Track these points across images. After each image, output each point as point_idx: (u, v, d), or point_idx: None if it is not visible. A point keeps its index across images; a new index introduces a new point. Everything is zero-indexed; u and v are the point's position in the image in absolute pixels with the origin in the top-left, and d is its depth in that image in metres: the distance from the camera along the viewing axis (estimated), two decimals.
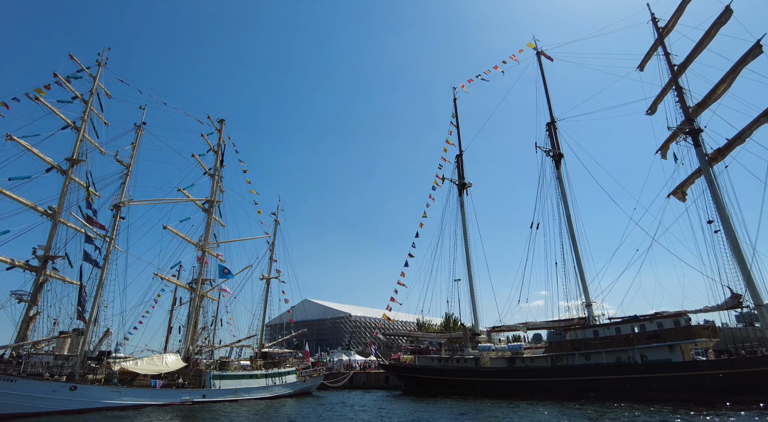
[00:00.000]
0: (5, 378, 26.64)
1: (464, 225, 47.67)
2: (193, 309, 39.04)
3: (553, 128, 44.78)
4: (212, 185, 47.55)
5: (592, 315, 38.82)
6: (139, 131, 38.58)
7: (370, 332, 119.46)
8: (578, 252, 40.78)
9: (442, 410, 29.22)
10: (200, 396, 34.27)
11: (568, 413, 25.66)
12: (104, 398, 29.71)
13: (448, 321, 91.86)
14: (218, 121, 49.52)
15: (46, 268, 35.83)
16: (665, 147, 38.71)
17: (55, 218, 36.62)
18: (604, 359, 34.11)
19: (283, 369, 42.73)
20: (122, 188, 35.22)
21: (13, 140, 33.33)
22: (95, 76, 41.13)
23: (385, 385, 54.87)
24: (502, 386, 38.28)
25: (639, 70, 41.36)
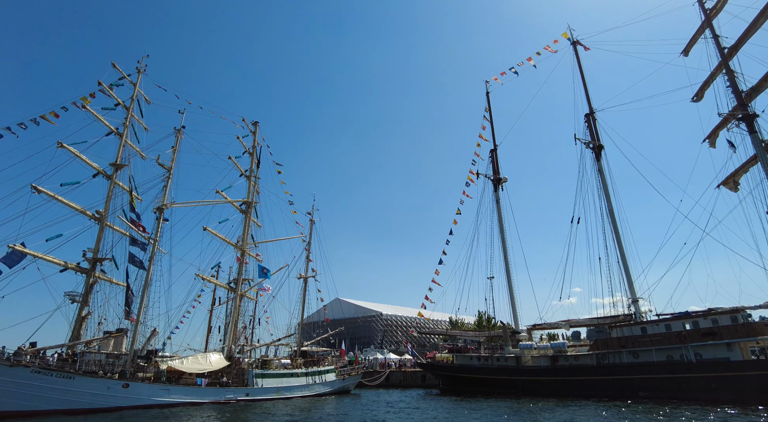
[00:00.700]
0: (64, 375, 27.68)
1: (500, 221, 46.81)
2: (235, 309, 39.71)
3: (592, 119, 43.37)
4: (248, 187, 48.31)
5: (638, 312, 37.38)
6: (179, 134, 39.53)
7: (402, 330, 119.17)
8: (622, 247, 39.38)
9: (489, 409, 28.65)
10: (244, 395, 34.82)
11: (627, 413, 24.69)
12: (154, 395, 30.53)
13: (481, 319, 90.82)
14: (252, 123, 50.27)
15: (95, 270, 37.14)
16: (714, 135, 36.82)
17: (102, 221, 37.91)
18: (654, 357, 32.77)
19: (322, 368, 43.05)
20: (164, 190, 36.20)
21: (63, 148, 34.66)
22: (135, 83, 42.35)
23: (422, 384, 54.57)
24: (545, 385, 37.39)
25: (683, 56, 39.48)
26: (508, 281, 44.99)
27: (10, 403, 26.13)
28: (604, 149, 42.57)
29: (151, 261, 34.62)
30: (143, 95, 43.13)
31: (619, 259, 39.39)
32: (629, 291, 38.27)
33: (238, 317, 40.34)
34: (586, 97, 43.91)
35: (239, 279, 41.44)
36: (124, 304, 36.70)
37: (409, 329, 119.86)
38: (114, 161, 39.33)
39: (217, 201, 42.46)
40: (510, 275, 45.10)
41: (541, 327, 43.41)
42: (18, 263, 31.76)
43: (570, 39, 47.08)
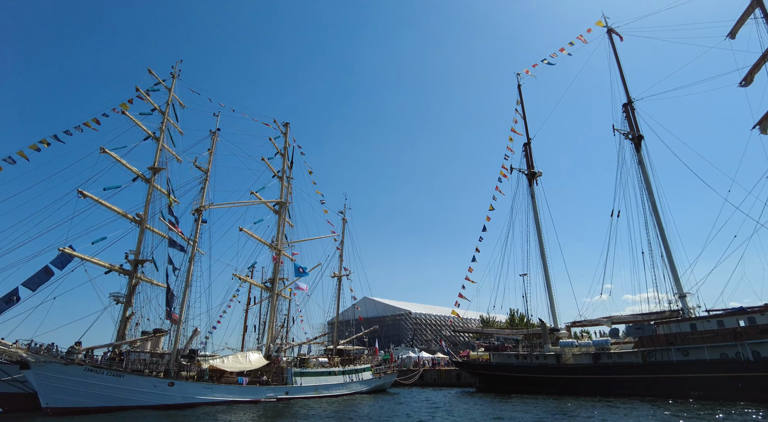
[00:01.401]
0: (114, 373, 28.50)
1: (536, 217, 45.74)
2: (272, 308, 40.12)
3: (630, 109, 41.87)
4: (281, 187, 48.78)
5: (686, 307, 35.86)
6: (215, 137, 40.16)
7: (432, 329, 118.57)
8: (666, 241, 37.85)
9: (536, 408, 27.95)
10: (283, 393, 35.13)
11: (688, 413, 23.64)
12: (198, 394, 31.10)
13: (513, 317, 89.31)
14: (283, 124, 50.70)
15: (136, 271, 38.13)
16: (766, 120, 34.94)
17: (142, 224, 38.87)
18: (706, 355, 31.32)
19: (358, 366, 43.08)
20: (202, 192, 36.81)
21: (105, 153, 35.69)
22: (170, 88, 43.27)
23: (457, 382, 54.02)
24: (588, 383, 36.33)
25: (729, 39, 37.59)
26: (545, 278, 43.95)
27: (65, 400, 27.08)
28: (643, 140, 41.04)
29: (191, 262, 35.27)
30: (178, 100, 44.07)
31: (663, 253, 37.94)
32: (675, 286, 36.77)
33: (275, 316, 40.71)
34: (623, 86, 42.45)
35: (275, 279, 41.85)
36: (165, 304, 37.68)
37: (442, 327, 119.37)
38: (152, 165, 40.29)
39: (251, 202, 43.00)
40: (548, 271, 44.07)
41: (580, 323, 42.26)
42: (67, 266, 32.86)
43: (605, 27, 45.59)
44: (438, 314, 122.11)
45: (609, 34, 45.18)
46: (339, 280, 48.74)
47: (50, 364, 26.89)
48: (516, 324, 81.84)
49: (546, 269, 44.21)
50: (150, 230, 39.37)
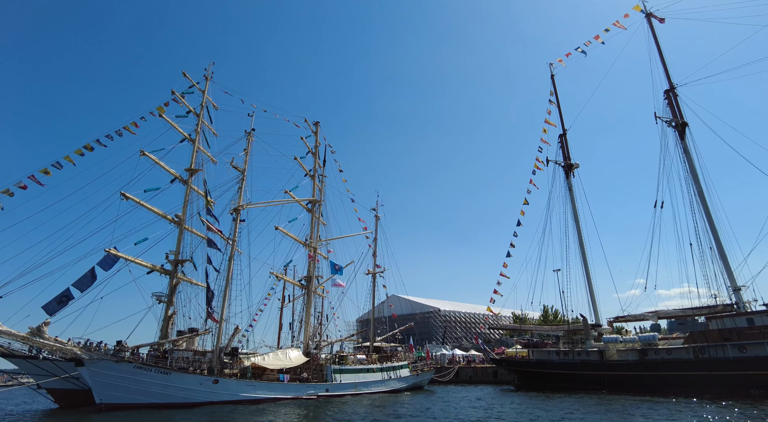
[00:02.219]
0: (161, 371, 29.08)
1: (574, 209, 44.45)
2: (307, 305, 40.28)
3: (672, 96, 40.14)
4: (313, 186, 48.97)
5: (741, 301, 34.16)
6: (250, 137, 40.53)
7: (461, 326, 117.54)
8: (716, 231, 36.13)
9: (584, 406, 27.09)
10: (324, 390, 35.20)
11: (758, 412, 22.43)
12: (241, 391, 31.43)
13: (547, 313, 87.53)
14: (314, 123, 50.84)
15: (176, 271, 38.87)
16: None
17: (181, 225, 39.59)
18: (767, 351, 29.75)
19: (396, 363, 42.88)
20: (239, 192, 37.16)
21: (145, 155, 36.47)
22: (204, 91, 43.89)
23: (494, 380, 53.19)
24: (634, 380, 35.12)
25: None
26: (585, 272, 42.69)
27: (117, 396, 27.82)
28: (688, 127, 39.29)
29: (231, 261, 35.71)
30: (211, 102, 44.66)
31: (713, 245, 36.24)
32: (728, 279, 35.07)
33: (311, 313, 40.87)
34: (664, 72, 40.74)
35: (312, 276, 42.02)
36: (206, 303, 38.26)
37: (472, 325, 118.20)
38: (189, 167, 40.98)
39: (286, 201, 43.23)
40: (587, 266, 42.79)
41: (623, 319, 40.90)
42: (112, 266, 33.70)
43: (643, 12, 43.85)
44: (467, 312, 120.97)
45: (648, 19, 43.44)
46: (373, 277, 48.65)
47: (102, 361, 27.65)
48: (550, 321, 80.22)
49: (586, 263, 42.96)
50: (189, 230, 40.07)
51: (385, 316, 66.48)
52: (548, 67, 50.63)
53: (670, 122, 39.85)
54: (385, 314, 69.93)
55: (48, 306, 29.92)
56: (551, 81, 49.97)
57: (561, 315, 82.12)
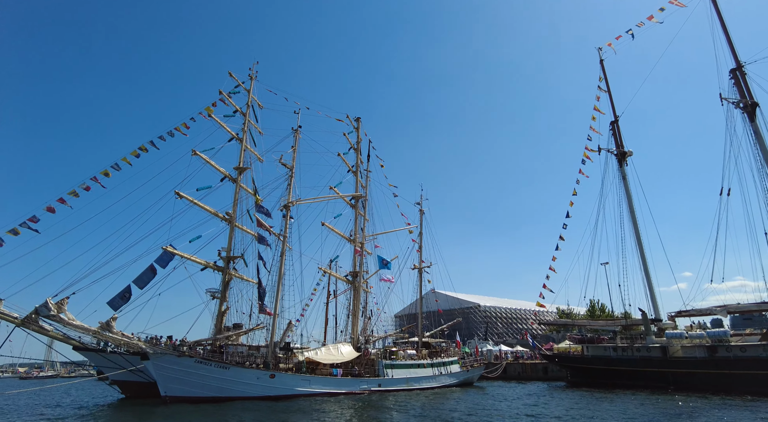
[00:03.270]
0: (220, 365, 29.75)
1: (629, 199, 42.44)
2: (357, 300, 40.35)
3: (740, 75, 37.49)
4: (356, 182, 48.99)
5: None
6: (297, 134, 40.83)
7: (502, 322, 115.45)
8: None
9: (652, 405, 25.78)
10: (376, 385, 35.16)
11: None
12: (297, 385, 31.77)
13: (594, 308, 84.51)
14: (355, 119, 50.75)
15: (228, 268, 39.72)
16: None
17: (232, 222, 40.38)
18: None
19: (446, 359, 42.39)
20: (289, 189, 37.51)
21: (196, 155, 37.37)
22: (249, 90, 44.52)
23: (544, 376, 51.82)
24: (703, 379, 33.20)
25: None
26: (643, 265, 40.63)
27: (180, 389, 28.65)
28: (759, 107, 36.63)
29: (283, 257, 36.12)
30: (256, 101, 45.29)
31: None
32: None
33: (359, 308, 40.92)
34: (730, 49, 38.03)
35: (360, 272, 42.04)
36: (258, 299, 38.92)
37: (514, 320, 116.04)
38: (237, 165, 41.72)
39: (331, 197, 43.32)
40: (645, 258, 40.71)
41: (687, 313, 38.76)
42: (168, 263, 34.72)
43: None
44: (508, 307, 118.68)
45: None
46: (420, 272, 48.20)
47: (165, 356, 28.53)
48: (597, 316, 77.42)
49: (643, 256, 40.89)
50: (239, 228, 40.85)
51: (425, 311, 65.96)
52: (596, 52, 48.49)
53: (737, 102, 37.26)
54: (425, 309, 69.45)
55: (112, 302, 31.17)
56: (600, 66, 47.80)
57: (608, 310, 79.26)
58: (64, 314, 26.96)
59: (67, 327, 27.37)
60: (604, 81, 47.29)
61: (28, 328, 27.63)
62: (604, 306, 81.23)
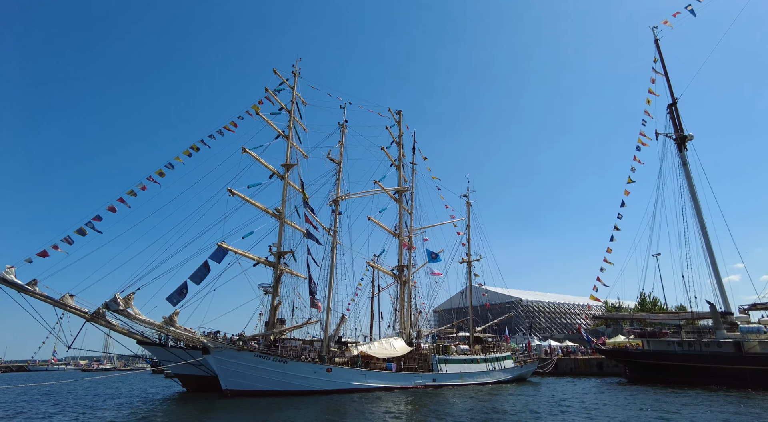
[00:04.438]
0: (279, 359, 30.03)
1: (691, 186, 40.01)
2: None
3: None
4: (399, 175, 48.54)
5: None
6: (343, 128, 40.75)
7: (545, 317, 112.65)
8: None
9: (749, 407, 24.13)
10: (431, 380, 34.73)
11: None
12: (353, 380, 31.70)
13: (644, 301, 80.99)
14: (396, 112, 50.28)
15: (279, 263, 40.14)
16: None
17: (281, 218, 40.77)
18: None
19: (500, 354, 41.49)
20: (337, 184, 37.45)
21: (246, 153, 37.85)
22: (293, 87, 44.75)
23: (599, 371, 49.94)
24: None
25: None
26: (709, 255, 38.22)
27: (240, 383, 29.11)
28: None
29: (333, 251, 36.16)
30: (300, 98, 45.47)
31: None
32: None
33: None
34: None
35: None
36: (309, 293, 39.17)
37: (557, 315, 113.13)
38: (284, 162, 42.06)
39: (377, 191, 43.09)
40: (711, 248, 38.32)
41: (762, 306, 36.26)
42: (222, 259, 35.32)
43: None
44: (550, 302, 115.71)
45: None
46: (468, 266, 47.31)
47: (226, 350, 29.02)
48: (648, 309, 74.19)
49: (709, 246, 38.46)
50: (288, 224, 41.20)
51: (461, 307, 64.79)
52: (651, 31, 45.93)
53: None
54: (459, 304, 68.24)
55: (171, 298, 31.93)
56: (655, 46, 45.22)
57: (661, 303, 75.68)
58: (131, 309, 27.84)
59: (133, 321, 28.27)
60: (659, 62, 44.77)
61: (97, 322, 28.71)
62: (656, 299, 77.84)
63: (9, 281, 26.47)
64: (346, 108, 41.25)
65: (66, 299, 28.21)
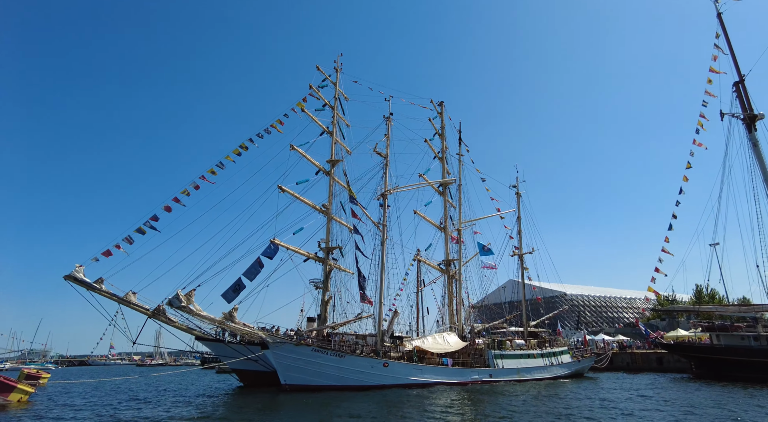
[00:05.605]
0: (336, 354, 30.01)
1: (764, 168, 37.23)
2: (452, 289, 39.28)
3: None
4: (442, 168, 47.73)
5: None
6: (389, 121, 40.33)
7: (591, 311, 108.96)
8: None
9: None
10: (487, 375, 33.97)
11: None
12: (410, 375, 31.33)
13: (701, 294, 76.94)
14: (438, 104, 49.40)
15: (328, 258, 40.23)
16: None
17: (328, 214, 40.82)
18: None
19: (556, 349, 40.19)
20: (384, 177, 37.10)
21: (294, 150, 38.04)
22: (335, 83, 44.63)
23: (658, 367, 47.64)
24: None
25: None
26: None
27: (299, 378, 29.23)
28: None
29: (384, 246, 35.85)
30: (342, 94, 45.33)
31: None
32: None
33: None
34: None
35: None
36: (358, 288, 39.08)
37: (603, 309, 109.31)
38: (330, 158, 42.08)
39: (422, 184, 42.47)
40: None
41: None
42: (275, 255, 35.62)
43: None
44: (597, 295, 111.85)
45: None
46: (520, 258, 46.00)
47: (284, 345, 29.20)
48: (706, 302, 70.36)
49: None
50: (335, 220, 41.22)
51: (511, 301, 63.22)
52: (713, 5, 42.96)
53: None
54: (508, 299, 66.58)
55: (226, 295, 32.48)
56: (718, 20, 42.24)
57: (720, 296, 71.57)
58: (192, 305, 28.43)
59: (195, 317, 28.86)
60: (722, 37, 41.82)
61: (158, 319, 29.50)
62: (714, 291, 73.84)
63: (79, 279, 27.52)
64: (390, 101, 40.51)
65: (129, 296, 29.09)
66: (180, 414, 21.54)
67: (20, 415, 21.33)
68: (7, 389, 24.20)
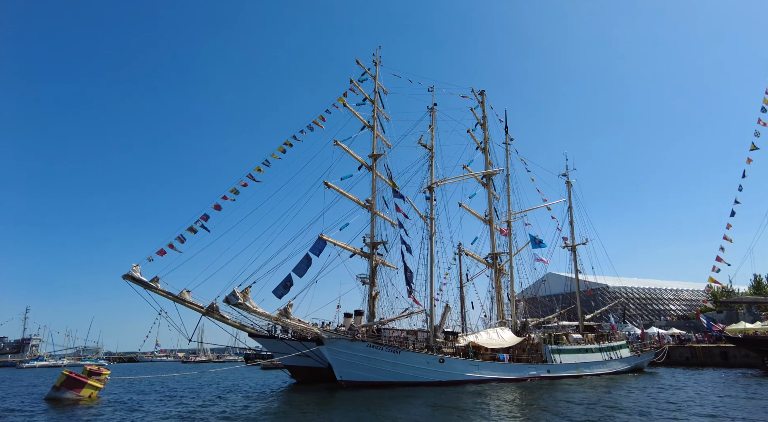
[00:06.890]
0: (392, 350, 29.53)
1: None
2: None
3: None
4: (485, 159, 46.56)
5: None
6: (433, 112, 39.44)
7: (635, 303, 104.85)
8: None
9: None
10: (545, 371, 32.87)
11: None
12: (466, 371, 30.57)
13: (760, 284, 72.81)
14: (479, 93, 48.16)
15: (374, 254, 39.85)
16: None
17: (372, 209, 40.45)
18: None
19: (615, 343, 38.59)
20: (430, 169, 36.34)
21: (338, 145, 37.80)
22: (375, 76, 44.10)
23: (722, 362, 45.08)
24: None
25: None
26: None
27: (354, 374, 28.89)
28: None
29: (432, 240, 35.13)
30: (382, 87, 44.75)
31: None
32: None
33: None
34: None
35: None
36: (405, 283, 38.53)
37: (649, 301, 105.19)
38: (371, 153, 41.65)
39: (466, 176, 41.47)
40: None
41: None
42: (322, 251, 35.45)
43: None
44: (641, 287, 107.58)
45: None
46: (573, 250, 44.39)
47: (339, 340, 28.92)
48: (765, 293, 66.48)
49: None
50: (379, 215, 40.80)
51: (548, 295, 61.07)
52: None
53: None
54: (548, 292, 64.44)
55: (276, 291, 32.60)
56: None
57: None
58: (248, 302, 28.54)
59: (250, 313, 28.94)
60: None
61: (212, 316, 29.75)
62: None
63: (137, 278, 28.03)
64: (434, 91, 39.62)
65: (184, 294, 29.42)
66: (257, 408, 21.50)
67: (101, 411, 21.22)
68: (79, 385, 24.75)
